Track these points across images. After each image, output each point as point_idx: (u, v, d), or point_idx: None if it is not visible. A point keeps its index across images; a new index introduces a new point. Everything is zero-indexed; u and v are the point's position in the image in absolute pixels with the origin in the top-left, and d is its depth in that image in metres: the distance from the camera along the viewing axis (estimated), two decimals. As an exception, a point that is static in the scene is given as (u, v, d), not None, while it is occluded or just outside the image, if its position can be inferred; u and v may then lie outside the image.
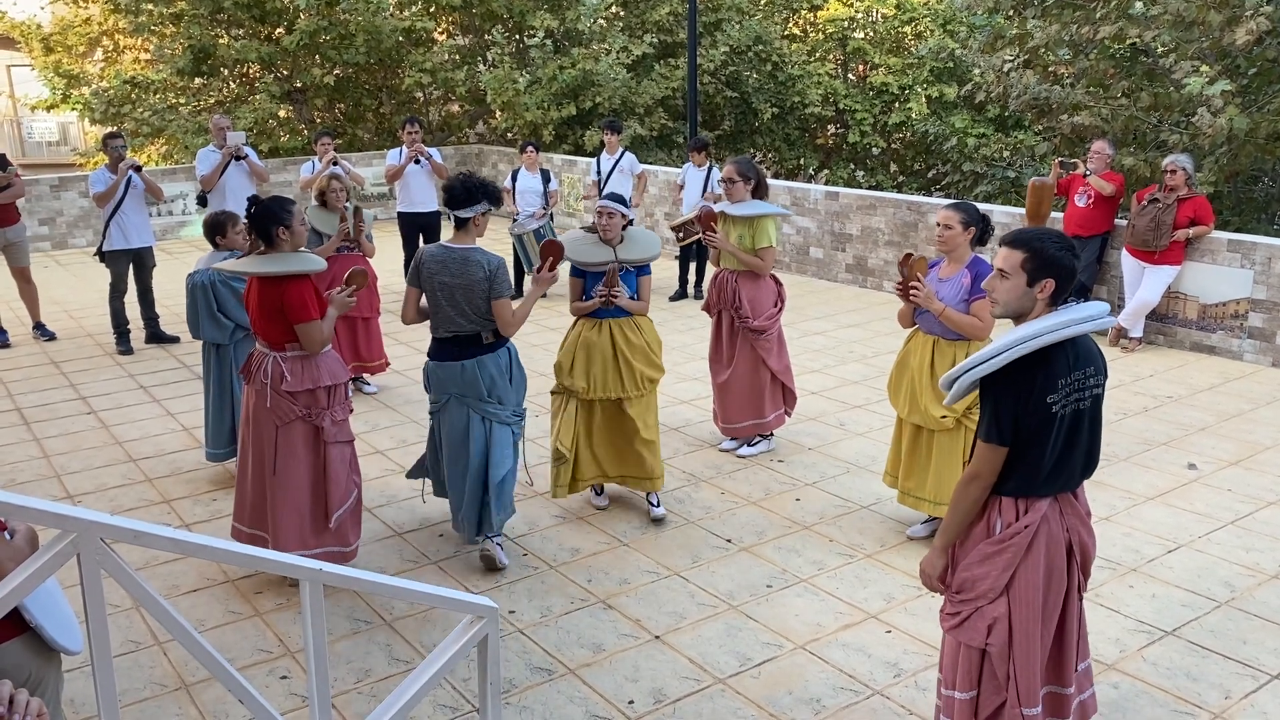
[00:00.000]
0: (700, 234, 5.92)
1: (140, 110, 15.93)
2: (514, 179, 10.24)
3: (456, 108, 18.43)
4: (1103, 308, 2.95)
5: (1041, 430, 2.90)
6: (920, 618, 4.39)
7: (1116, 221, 8.67)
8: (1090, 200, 8.52)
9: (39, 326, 9.13)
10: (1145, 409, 6.98)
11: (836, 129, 19.34)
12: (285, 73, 16.64)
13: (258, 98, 15.99)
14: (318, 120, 17.17)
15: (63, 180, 13.22)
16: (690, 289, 10.43)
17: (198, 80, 16.50)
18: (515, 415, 4.80)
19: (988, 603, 3.04)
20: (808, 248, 11.24)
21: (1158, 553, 4.96)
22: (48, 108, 17.33)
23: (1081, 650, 3.24)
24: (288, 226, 4.48)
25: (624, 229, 5.23)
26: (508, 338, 4.73)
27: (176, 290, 10.09)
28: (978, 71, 13.46)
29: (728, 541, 5.13)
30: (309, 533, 4.57)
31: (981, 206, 9.83)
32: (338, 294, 4.62)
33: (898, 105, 17.87)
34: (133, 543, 2.13)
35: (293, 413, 4.47)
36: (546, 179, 10.21)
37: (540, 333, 9.06)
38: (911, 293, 4.64)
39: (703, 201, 9.28)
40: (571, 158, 14.39)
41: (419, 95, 17.99)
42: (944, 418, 4.77)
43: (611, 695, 3.89)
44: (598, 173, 10.49)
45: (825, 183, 18.41)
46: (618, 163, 10.39)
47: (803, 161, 18.79)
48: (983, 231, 4.73)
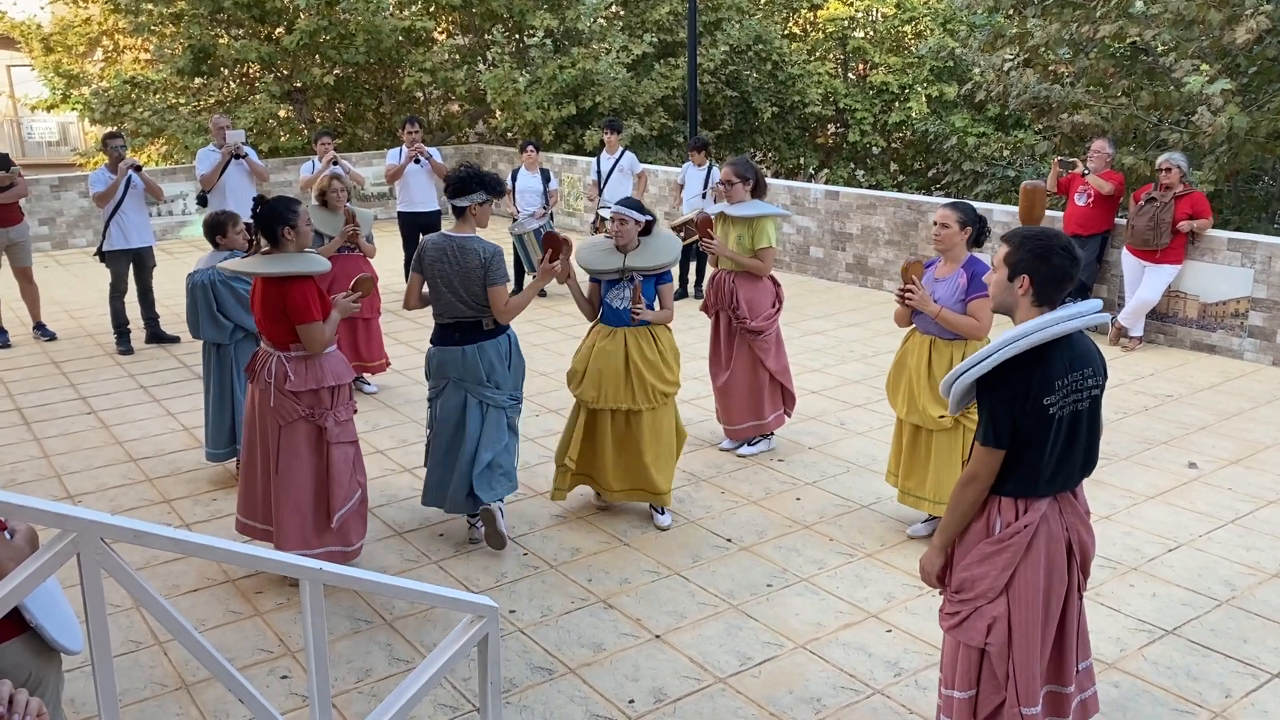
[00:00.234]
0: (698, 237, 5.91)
1: (140, 110, 15.93)
2: (514, 179, 10.22)
3: (456, 107, 18.42)
4: (1094, 305, 2.95)
5: (1039, 432, 2.90)
6: (921, 617, 4.39)
7: (1116, 220, 8.67)
8: (1090, 199, 8.52)
9: (39, 326, 9.13)
10: (1146, 408, 6.98)
11: (836, 128, 19.34)
12: (285, 73, 16.64)
13: (258, 98, 15.99)
14: (318, 120, 17.17)
15: (63, 180, 13.22)
16: (690, 288, 10.43)
17: (198, 80, 16.50)
18: (512, 400, 4.90)
19: (987, 602, 3.04)
20: (808, 247, 11.24)
21: (1158, 552, 4.96)
22: (48, 108, 17.32)
23: (1082, 649, 3.24)
24: (293, 227, 4.49)
25: (642, 234, 5.13)
26: (507, 325, 4.84)
27: (176, 290, 10.09)
28: (978, 70, 13.47)
29: (728, 541, 5.13)
30: (311, 532, 4.58)
31: (981, 206, 9.87)
32: (343, 299, 4.65)
33: (898, 104, 17.88)
34: (133, 542, 2.13)
35: (296, 412, 4.47)
36: (546, 179, 10.20)
37: (540, 332, 9.05)
38: (906, 297, 4.65)
39: (702, 204, 9.28)
40: (571, 157, 14.38)
41: (419, 95, 17.99)
42: (942, 417, 4.78)
43: (612, 694, 3.89)
44: (597, 172, 10.49)
45: (825, 182, 18.41)
46: (618, 162, 10.39)
47: (803, 161, 18.79)
48: (979, 232, 4.74)
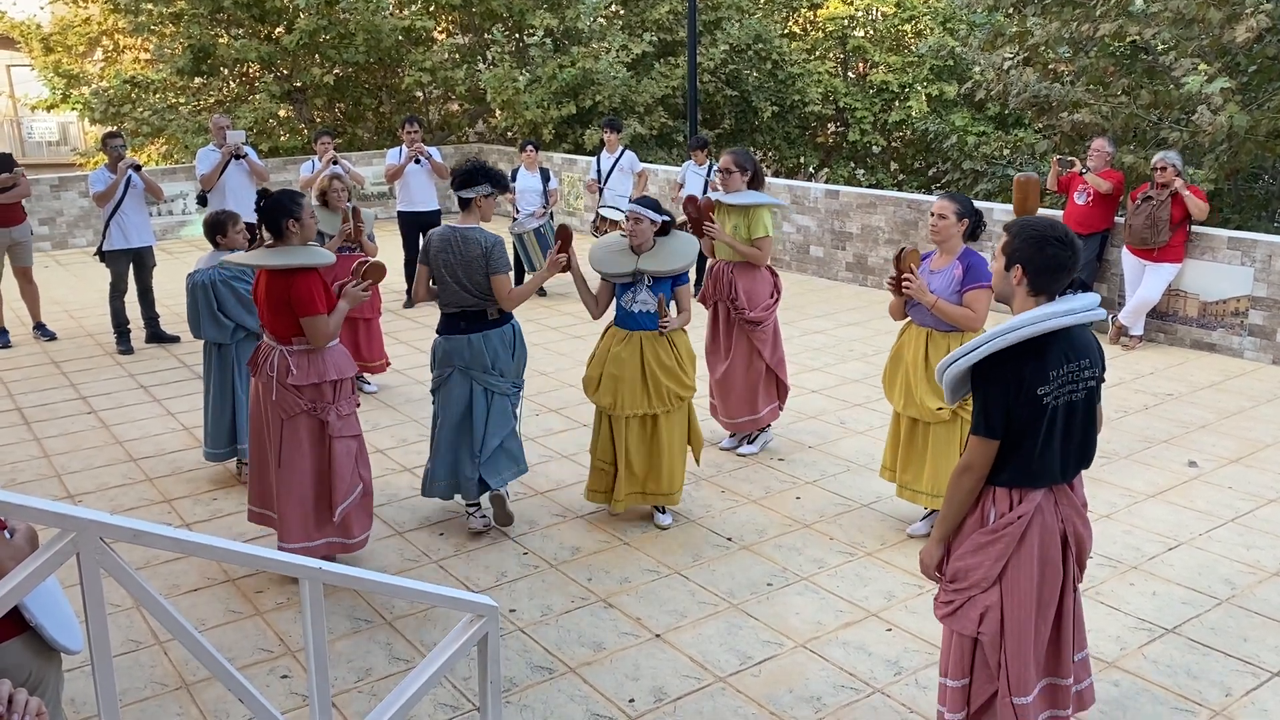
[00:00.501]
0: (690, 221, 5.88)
1: (140, 110, 15.93)
2: (514, 178, 10.21)
3: (456, 107, 18.43)
4: (1091, 300, 2.96)
5: (1033, 422, 2.91)
6: (921, 616, 4.39)
7: (1116, 219, 8.67)
8: (1089, 198, 8.51)
9: (39, 326, 9.14)
10: (1146, 407, 6.98)
11: (836, 127, 19.34)
12: (285, 72, 16.63)
13: (258, 97, 15.99)
14: (318, 120, 17.17)
15: (63, 180, 13.22)
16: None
17: (198, 80, 16.50)
18: (514, 387, 5.06)
19: (980, 592, 3.05)
20: (808, 246, 11.24)
21: (1158, 550, 4.96)
22: (48, 108, 17.33)
23: (1078, 641, 3.25)
24: (297, 219, 4.50)
25: (659, 235, 5.08)
26: (511, 314, 4.99)
27: (177, 290, 10.09)
28: (978, 69, 13.48)
29: (728, 540, 5.13)
30: (312, 525, 4.60)
31: (981, 204, 9.87)
32: (352, 286, 4.62)
33: (898, 103, 17.87)
34: (133, 542, 2.13)
35: (298, 406, 4.47)
36: (546, 178, 10.20)
37: (540, 332, 9.05)
38: (904, 285, 4.66)
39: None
40: (571, 156, 14.38)
41: (419, 94, 17.99)
42: (939, 409, 4.78)
43: (612, 694, 3.89)
44: (597, 171, 10.49)
45: (825, 181, 18.40)
46: (617, 161, 10.38)
47: (803, 160, 18.79)
48: (975, 225, 4.74)
